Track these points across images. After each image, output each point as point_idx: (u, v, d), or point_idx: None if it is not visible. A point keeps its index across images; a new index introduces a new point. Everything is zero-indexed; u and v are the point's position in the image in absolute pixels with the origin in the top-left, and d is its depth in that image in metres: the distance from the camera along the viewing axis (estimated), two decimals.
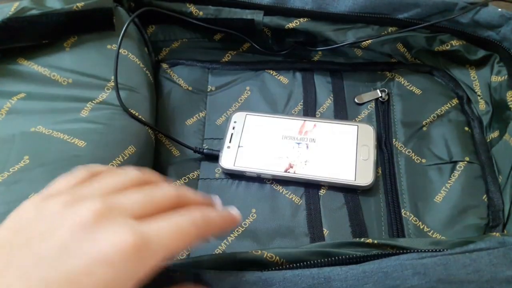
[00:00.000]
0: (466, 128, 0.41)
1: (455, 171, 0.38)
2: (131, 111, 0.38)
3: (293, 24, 0.42)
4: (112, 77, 0.39)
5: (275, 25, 0.43)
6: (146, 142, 0.38)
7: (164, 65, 0.47)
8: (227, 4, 0.43)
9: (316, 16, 0.42)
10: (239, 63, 0.47)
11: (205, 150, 0.41)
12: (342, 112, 0.43)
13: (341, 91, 0.45)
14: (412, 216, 0.37)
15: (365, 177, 0.38)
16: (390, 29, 0.42)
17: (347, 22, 0.43)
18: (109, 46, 0.41)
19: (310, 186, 0.39)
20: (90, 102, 0.37)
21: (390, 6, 0.41)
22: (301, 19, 0.42)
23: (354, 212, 0.37)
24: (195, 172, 0.40)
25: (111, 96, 0.38)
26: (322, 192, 0.39)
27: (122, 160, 0.35)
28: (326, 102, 0.44)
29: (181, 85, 0.46)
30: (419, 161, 0.40)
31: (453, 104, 0.43)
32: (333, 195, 0.38)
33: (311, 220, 0.37)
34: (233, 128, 0.42)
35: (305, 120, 0.42)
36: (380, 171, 0.40)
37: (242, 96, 0.45)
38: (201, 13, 0.44)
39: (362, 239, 0.28)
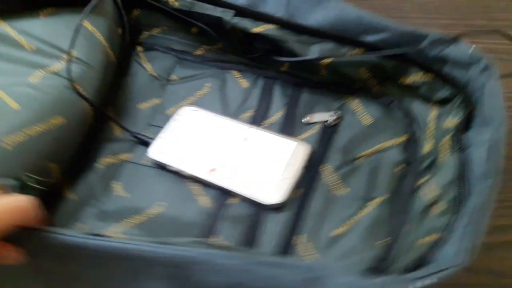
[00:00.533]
0: (400, 168, 0.38)
1: (365, 209, 0.36)
2: (78, 85, 0.40)
3: (260, 29, 0.42)
4: (73, 50, 0.41)
5: (241, 27, 0.42)
6: (80, 117, 0.40)
7: (139, 48, 0.48)
8: None
9: (284, 24, 0.41)
10: (209, 58, 0.47)
11: (140, 136, 0.42)
12: (289, 127, 0.42)
13: (295, 106, 0.43)
14: (305, 243, 0.35)
15: (276, 196, 0.37)
16: (356, 50, 0.40)
17: (313, 36, 0.41)
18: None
19: (225, 193, 0.38)
20: (42, 70, 0.40)
21: (360, 27, 0.39)
22: (269, 25, 0.42)
23: (251, 227, 0.36)
24: (128, 154, 0.42)
25: (65, 68, 0.40)
26: (234, 201, 0.38)
27: (46, 128, 0.37)
28: (277, 114, 0.43)
29: (147, 69, 0.47)
30: (339, 191, 0.38)
31: (398, 142, 0.40)
32: (243, 207, 0.38)
33: (209, 225, 0.36)
34: (175, 121, 0.42)
35: (247, 128, 0.41)
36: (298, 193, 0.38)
37: (200, 92, 0.45)
38: (177, 3, 0.44)
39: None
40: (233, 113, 0.44)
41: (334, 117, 0.42)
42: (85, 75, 0.41)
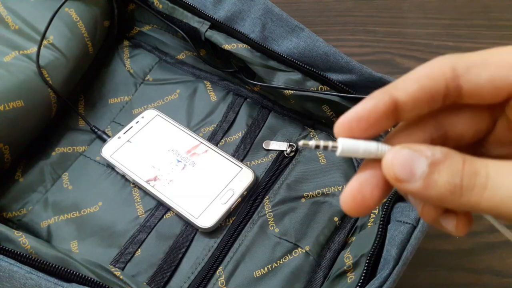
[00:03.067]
0: (337, 220, 0.37)
1: (292, 254, 0.35)
2: (45, 72, 0.41)
3: (230, 46, 0.41)
4: (51, 36, 0.42)
5: (214, 41, 0.42)
6: (41, 104, 0.41)
7: (126, 42, 0.49)
8: (183, 6, 0.43)
9: (255, 46, 0.41)
10: (187, 65, 0.47)
11: (97, 131, 0.42)
12: (244, 150, 0.41)
13: (258, 129, 0.43)
14: (223, 277, 0.35)
15: (208, 220, 0.36)
16: (321, 86, 0.38)
17: (281, 63, 0.40)
18: (66, 9, 0.44)
19: (162, 205, 0.38)
20: (17, 51, 0.41)
21: (327, 64, 0.38)
22: (240, 44, 0.41)
23: (176, 247, 0.36)
24: (85, 147, 0.42)
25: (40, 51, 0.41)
26: (167, 215, 0.38)
27: (2, 109, 0.38)
28: (237, 134, 0.43)
29: (126, 65, 0.47)
30: (272, 229, 0.37)
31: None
32: (174, 223, 0.38)
33: (136, 236, 0.37)
34: (137, 122, 0.43)
35: (200, 143, 0.41)
36: (231, 221, 0.37)
37: (169, 97, 0.45)
38: (160, 6, 0.44)
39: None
40: (195, 125, 0.43)
41: (292, 149, 0.40)
42: (56, 63, 0.42)
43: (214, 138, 0.42)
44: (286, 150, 0.41)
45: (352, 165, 0.39)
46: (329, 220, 0.37)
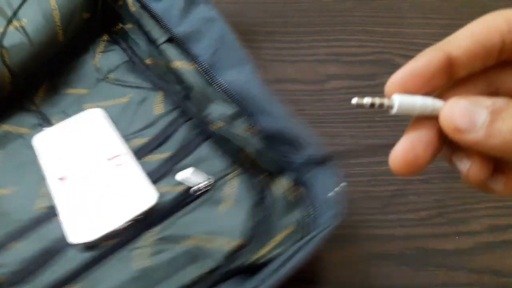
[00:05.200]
0: (207, 271, 0.35)
1: None
2: (7, 52, 0.41)
3: (179, 64, 0.40)
4: (25, 20, 0.42)
5: (166, 55, 0.41)
6: None
7: (105, 37, 0.49)
8: (149, 13, 0.42)
9: (200, 69, 0.39)
10: (150, 70, 0.46)
11: (43, 117, 0.43)
12: (161, 172, 0.40)
13: (185, 154, 0.41)
14: None
15: (81, 235, 0.35)
16: (247, 128, 0.37)
17: (219, 92, 0.39)
18: None
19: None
20: None
21: (256, 106, 0.36)
22: (187, 64, 0.40)
23: (45, 253, 0.35)
24: (28, 130, 0.43)
25: (8, 32, 0.41)
26: (54, 218, 0.37)
27: None
28: (164, 154, 0.41)
29: (95, 59, 0.47)
30: (139, 263, 0.35)
31: (230, 244, 0.36)
32: (55, 228, 0.37)
33: (22, 230, 0.37)
34: (77, 118, 0.43)
35: (122, 153, 0.40)
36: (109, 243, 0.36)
37: (120, 99, 0.45)
38: (134, 8, 0.44)
39: None
40: (132, 133, 0.42)
41: (205, 184, 0.38)
42: (20, 46, 0.42)
43: (140, 152, 0.41)
44: (199, 184, 0.38)
45: (252, 222, 0.36)
46: (198, 271, 0.34)
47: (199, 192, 0.38)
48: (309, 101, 0.49)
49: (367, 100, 0.17)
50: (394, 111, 0.17)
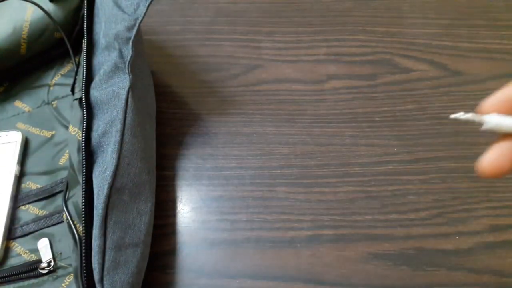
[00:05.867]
0: None
1: None
2: None
3: (72, 129, 0.37)
4: None
5: (72, 114, 0.38)
6: None
7: (77, 59, 0.47)
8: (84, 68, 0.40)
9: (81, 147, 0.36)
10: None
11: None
12: (32, 228, 0.38)
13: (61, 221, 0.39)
14: None
15: None
16: None
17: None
18: (29, 7, 0.44)
19: None
20: None
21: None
22: (78, 133, 0.37)
23: None
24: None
25: None
26: None
27: None
28: (44, 211, 0.40)
29: (52, 79, 0.47)
30: None
31: None
32: None
33: None
34: None
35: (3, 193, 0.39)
36: None
37: (45, 132, 0.44)
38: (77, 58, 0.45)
39: None
40: (31, 173, 0.41)
41: (48, 264, 0.36)
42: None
43: (25, 198, 0.40)
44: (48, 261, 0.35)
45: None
46: None
47: (43, 271, 0.36)
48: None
49: (463, 117, 0.21)
50: (484, 127, 0.21)
